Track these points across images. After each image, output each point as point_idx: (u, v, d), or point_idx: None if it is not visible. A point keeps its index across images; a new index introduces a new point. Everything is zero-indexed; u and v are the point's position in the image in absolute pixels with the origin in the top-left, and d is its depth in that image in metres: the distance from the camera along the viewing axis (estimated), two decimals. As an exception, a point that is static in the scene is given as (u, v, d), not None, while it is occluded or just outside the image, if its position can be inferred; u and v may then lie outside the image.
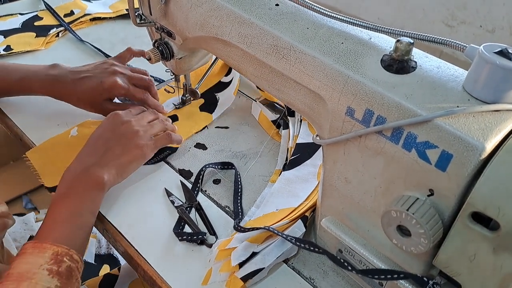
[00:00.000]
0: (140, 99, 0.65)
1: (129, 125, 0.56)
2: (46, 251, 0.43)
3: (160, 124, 0.60)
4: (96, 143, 0.54)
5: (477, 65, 0.32)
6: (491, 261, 0.32)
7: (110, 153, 0.53)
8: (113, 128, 0.56)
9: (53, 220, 0.47)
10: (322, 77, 0.39)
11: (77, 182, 0.50)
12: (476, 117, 0.32)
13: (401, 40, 0.36)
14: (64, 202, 0.49)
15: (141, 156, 0.55)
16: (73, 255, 0.45)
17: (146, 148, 0.56)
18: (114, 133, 0.55)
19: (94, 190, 0.50)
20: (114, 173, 0.52)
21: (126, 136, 0.55)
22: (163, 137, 0.59)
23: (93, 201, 0.50)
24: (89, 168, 0.51)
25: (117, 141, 0.54)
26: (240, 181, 0.59)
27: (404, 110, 0.34)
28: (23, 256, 0.43)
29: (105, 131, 0.56)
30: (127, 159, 0.54)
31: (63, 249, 0.44)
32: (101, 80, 0.63)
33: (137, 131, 0.56)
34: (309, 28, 0.42)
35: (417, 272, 0.39)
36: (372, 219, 0.41)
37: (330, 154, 0.42)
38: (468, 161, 0.31)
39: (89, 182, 0.50)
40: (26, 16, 0.94)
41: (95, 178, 0.50)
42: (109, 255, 0.82)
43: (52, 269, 0.42)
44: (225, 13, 0.47)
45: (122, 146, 0.54)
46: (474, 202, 0.31)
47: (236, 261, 0.46)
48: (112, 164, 0.52)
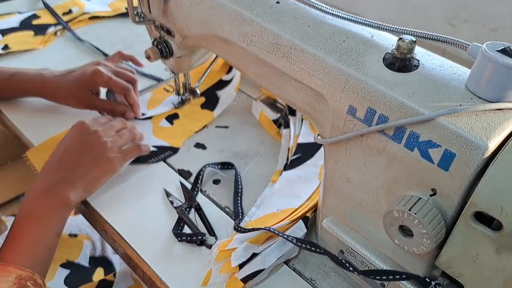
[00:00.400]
0: (121, 89, 0.63)
1: (97, 136, 0.54)
2: (10, 275, 0.42)
3: (128, 134, 0.58)
4: (62, 157, 0.52)
5: (480, 63, 0.32)
6: (494, 261, 0.32)
7: (78, 168, 0.51)
8: (80, 139, 0.53)
9: (17, 242, 0.46)
10: (324, 76, 0.39)
11: (41, 201, 0.48)
12: (479, 116, 0.32)
13: (403, 38, 0.35)
14: (29, 222, 0.47)
15: (110, 170, 0.53)
16: (36, 279, 0.44)
17: (116, 161, 0.54)
18: (81, 144, 0.53)
19: (60, 210, 0.49)
20: (81, 191, 0.51)
21: (94, 148, 0.53)
22: (133, 149, 0.57)
23: (58, 221, 0.49)
24: (54, 186, 0.49)
25: (84, 154, 0.52)
26: (240, 181, 0.59)
27: (407, 109, 0.33)
28: None
29: (71, 142, 0.53)
30: (96, 174, 0.52)
31: (27, 273, 0.43)
32: (84, 70, 0.63)
33: (105, 142, 0.53)
34: (310, 26, 0.41)
35: (419, 272, 0.38)
36: (374, 219, 0.40)
37: (332, 153, 0.41)
38: (471, 161, 0.30)
39: (54, 202, 0.48)
40: (24, 15, 0.93)
41: (60, 198, 0.49)
42: (104, 258, 0.81)
43: None
44: (226, 11, 0.46)
45: (90, 159, 0.52)
46: (477, 202, 0.30)
47: (236, 262, 0.46)
48: (80, 181, 0.50)
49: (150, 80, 0.78)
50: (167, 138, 0.65)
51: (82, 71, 0.63)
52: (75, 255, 0.78)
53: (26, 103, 0.70)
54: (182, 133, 0.67)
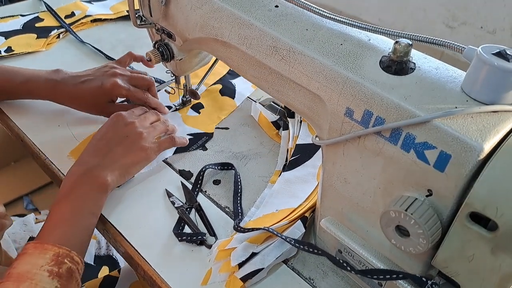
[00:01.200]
0: (141, 99, 0.65)
1: (133, 127, 0.56)
2: (47, 252, 0.43)
3: (162, 126, 0.60)
4: (99, 144, 0.54)
5: (476, 66, 0.32)
6: (490, 261, 0.32)
7: (113, 154, 0.53)
8: (116, 129, 0.55)
9: (55, 221, 0.47)
10: (321, 78, 0.39)
11: (80, 183, 0.50)
12: (475, 118, 0.32)
13: (399, 42, 0.36)
14: (67, 203, 0.48)
15: (144, 158, 0.55)
16: (73, 257, 0.45)
17: (150, 150, 0.56)
18: (118, 134, 0.55)
19: (97, 191, 0.50)
20: (117, 175, 0.52)
21: (130, 137, 0.55)
22: (167, 140, 0.59)
23: (96, 202, 0.50)
24: (92, 169, 0.51)
25: (120, 142, 0.54)
26: (240, 181, 0.59)
27: (403, 111, 0.34)
28: (24, 257, 0.43)
29: (108, 132, 0.55)
30: (130, 161, 0.54)
31: (64, 250, 0.44)
32: (102, 82, 0.63)
33: (140, 132, 0.56)
34: (309, 30, 0.42)
35: (416, 272, 0.39)
36: (371, 219, 0.41)
37: (330, 155, 0.42)
38: (466, 162, 0.31)
39: (92, 184, 0.50)
40: (27, 18, 0.94)
41: (98, 180, 0.50)
42: (109, 256, 0.82)
43: (53, 271, 0.42)
44: (225, 15, 0.47)
45: (125, 147, 0.54)
46: (473, 203, 0.31)
47: (235, 262, 0.46)
48: (116, 165, 0.52)
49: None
50: (198, 126, 0.68)
51: (100, 84, 0.63)
52: None
53: (29, 105, 0.70)
54: (211, 120, 0.70)
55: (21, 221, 0.81)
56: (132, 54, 0.72)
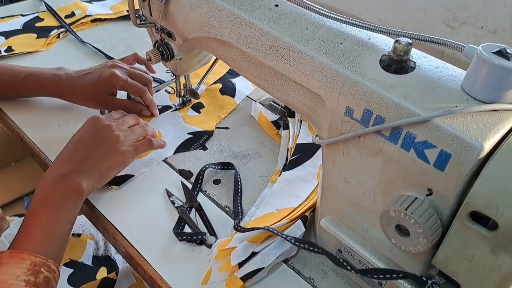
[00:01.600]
0: (138, 91, 0.65)
1: (110, 130, 0.55)
2: (24, 262, 0.43)
3: (141, 130, 0.59)
4: (75, 148, 0.53)
5: (476, 65, 0.32)
6: (490, 260, 0.32)
7: (90, 159, 0.52)
8: (93, 132, 0.54)
9: (31, 229, 0.46)
10: (321, 77, 0.39)
11: (55, 189, 0.49)
12: (475, 117, 0.32)
13: (399, 40, 0.36)
14: (42, 210, 0.48)
15: (121, 162, 0.54)
16: (50, 265, 0.44)
17: (127, 154, 0.55)
18: (94, 137, 0.54)
19: (73, 198, 0.49)
20: (93, 180, 0.52)
21: (107, 141, 0.54)
22: (144, 143, 0.58)
23: (71, 209, 0.49)
24: (67, 174, 0.50)
25: (97, 146, 0.53)
26: (240, 181, 0.59)
27: (403, 110, 0.34)
28: (0, 266, 0.42)
29: (84, 135, 0.54)
30: (107, 165, 0.53)
31: (40, 259, 0.44)
32: (100, 73, 0.64)
33: (117, 136, 0.55)
34: (308, 29, 0.42)
35: (416, 271, 0.39)
36: (371, 219, 0.41)
37: (330, 154, 0.42)
38: (466, 161, 0.31)
39: (67, 190, 0.49)
40: (27, 18, 0.94)
41: (73, 186, 0.49)
42: (107, 257, 0.82)
43: (30, 280, 0.42)
44: (225, 14, 0.47)
45: (102, 151, 0.53)
46: (473, 202, 0.31)
47: (236, 261, 0.46)
48: (92, 171, 0.51)
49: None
50: (198, 124, 0.69)
51: (99, 74, 0.64)
52: (78, 254, 0.78)
53: (29, 105, 0.70)
54: (211, 118, 0.70)
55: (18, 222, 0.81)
56: (137, 55, 0.72)
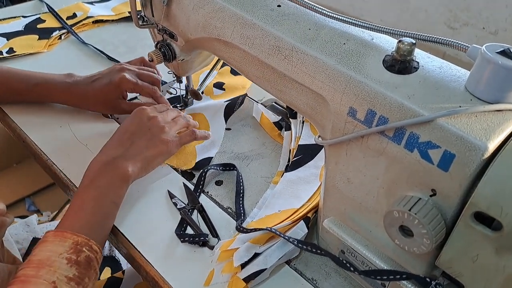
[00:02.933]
0: (149, 92, 0.66)
1: (155, 121, 0.57)
2: (66, 240, 0.44)
3: (183, 121, 0.61)
4: (123, 136, 0.55)
5: (480, 65, 0.32)
6: (494, 261, 0.32)
7: (136, 146, 0.54)
8: (140, 122, 0.56)
9: (76, 210, 0.48)
10: (324, 78, 0.39)
11: (102, 173, 0.51)
12: (479, 117, 0.32)
13: (403, 40, 0.36)
14: (88, 191, 0.49)
15: (166, 151, 0.56)
16: (92, 246, 0.45)
17: (171, 144, 0.56)
18: (140, 127, 0.56)
19: (119, 181, 0.51)
20: (139, 166, 0.53)
21: (152, 131, 0.56)
22: (188, 134, 0.60)
23: (117, 192, 0.51)
24: (115, 160, 0.52)
25: (143, 135, 0.55)
26: (242, 182, 0.59)
27: (407, 110, 0.34)
28: (44, 244, 0.44)
29: (131, 125, 0.56)
30: (152, 153, 0.54)
31: (83, 239, 0.45)
32: (110, 78, 0.64)
33: (163, 126, 0.57)
34: (311, 29, 0.42)
35: (420, 272, 0.38)
36: (374, 219, 0.41)
37: (332, 154, 0.42)
38: (470, 161, 0.31)
39: (114, 174, 0.51)
40: (29, 19, 0.94)
41: (120, 170, 0.51)
42: (111, 257, 0.82)
43: (71, 258, 0.43)
44: (227, 15, 0.47)
45: (148, 140, 0.55)
46: (477, 202, 0.31)
47: (238, 262, 0.46)
48: (138, 157, 0.53)
49: (153, 83, 0.78)
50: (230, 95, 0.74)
51: (109, 80, 0.64)
52: None
53: (31, 105, 0.70)
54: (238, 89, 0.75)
55: (23, 222, 0.81)
56: (143, 59, 0.72)
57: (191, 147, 0.65)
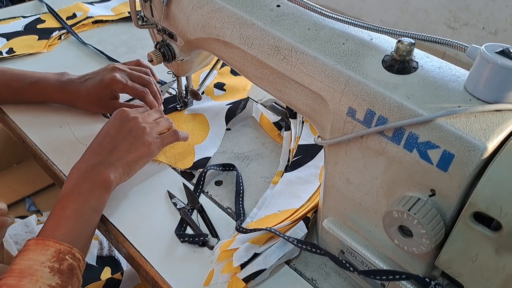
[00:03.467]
0: (137, 95, 0.65)
1: (136, 122, 0.56)
2: (49, 249, 0.44)
3: (165, 122, 0.60)
4: (103, 141, 0.54)
5: (479, 65, 0.32)
6: (494, 261, 0.32)
7: (117, 151, 0.53)
8: (120, 124, 0.56)
9: (58, 217, 0.47)
10: (323, 78, 0.39)
11: (83, 180, 0.50)
12: (478, 117, 0.32)
13: (402, 41, 0.36)
14: (69, 200, 0.49)
15: (148, 153, 0.55)
16: (75, 253, 0.45)
17: (153, 145, 0.56)
18: (121, 129, 0.55)
19: (100, 189, 0.50)
20: (121, 172, 0.52)
21: (133, 133, 0.55)
22: (170, 134, 0.59)
23: (99, 200, 0.50)
24: (95, 166, 0.51)
25: (124, 138, 0.54)
26: (242, 182, 0.59)
27: (406, 110, 0.34)
28: (26, 253, 0.43)
29: (112, 128, 0.56)
30: (134, 157, 0.54)
31: (65, 247, 0.44)
32: (102, 77, 0.64)
33: (144, 127, 0.56)
34: (310, 29, 0.42)
35: (419, 273, 0.38)
36: (373, 219, 0.40)
37: (332, 155, 0.42)
38: (469, 161, 0.31)
39: (95, 181, 0.50)
40: (28, 19, 0.94)
41: (101, 177, 0.50)
42: (111, 257, 0.82)
43: (54, 267, 0.43)
44: (226, 15, 0.47)
45: (129, 143, 0.54)
46: (476, 202, 0.31)
47: (238, 262, 0.46)
48: (119, 163, 0.52)
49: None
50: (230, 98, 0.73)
51: (100, 79, 0.64)
52: None
53: (30, 105, 0.70)
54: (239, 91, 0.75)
55: (22, 223, 0.81)
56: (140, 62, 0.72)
57: (189, 147, 0.65)
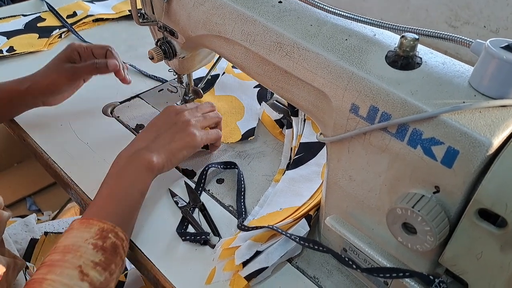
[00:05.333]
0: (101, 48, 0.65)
1: (182, 115, 0.58)
2: (92, 227, 0.44)
3: (213, 116, 0.61)
4: (149, 131, 0.57)
5: (484, 60, 0.32)
6: (499, 259, 0.32)
7: (161, 139, 0.55)
8: (166, 117, 0.58)
9: (102, 198, 0.49)
10: (326, 74, 0.39)
11: (127, 164, 0.52)
12: (483, 113, 0.32)
13: (405, 36, 0.35)
14: (114, 181, 0.50)
15: (192, 144, 0.56)
16: (118, 233, 0.45)
17: (198, 138, 0.57)
18: (166, 121, 0.57)
19: (144, 171, 0.51)
20: (164, 158, 0.53)
21: (178, 124, 0.57)
22: (215, 132, 0.60)
23: (142, 181, 0.51)
24: (139, 151, 0.53)
25: (168, 128, 0.56)
26: (243, 180, 0.59)
27: (410, 107, 0.33)
28: (70, 231, 0.45)
29: (158, 120, 0.58)
30: (177, 146, 0.55)
31: (108, 225, 0.45)
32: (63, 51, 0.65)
33: (188, 120, 0.57)
34: (313, 25, 0.42)
35: (423, 270, 0.38)
36: (376, 217, 0.40)
37: (334, 152, 0.41)
38: (474, 157, 0.30)
39: (138, 164, 0.51)
40: (29, 18, 0.94)
41: (145, 160, 0.52)
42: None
43: (97, 244, 0.43)
44: (228, 11, 0.47)
45: (172, 133, 0.56)
46: (481, 199, 0.30)
47: (239, 260, 0.46)
48: (162, 149, 0.54)
49: (153, 81, 0.78)
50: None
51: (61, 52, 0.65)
52: None
53: (30, 104, 0.70)
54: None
55: (22, 222, 0.81)
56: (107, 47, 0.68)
57: (232, 124, 0.68)
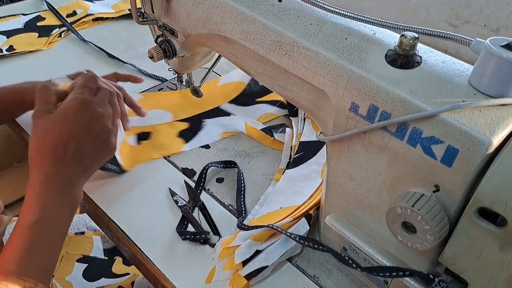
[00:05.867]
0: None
1: (103, 121, 0.49)
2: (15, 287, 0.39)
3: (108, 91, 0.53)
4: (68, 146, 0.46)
5: (483, 58, 0.32)
6: (498, 257, 0.32)
7: (86, 161, 0.48)
8: (88, 125, 0.48)
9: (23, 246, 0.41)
10: (326, 73, 0.39)
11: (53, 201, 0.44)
12: (483, 112, 0.31)
13: (405, 35, 0.35)
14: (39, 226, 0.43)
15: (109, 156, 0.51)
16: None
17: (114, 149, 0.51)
18: (88, 131, 0.48)
19: (72, 210, 0.46)
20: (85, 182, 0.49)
21: (101, 136, 0.49)
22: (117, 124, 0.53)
23: (69, 223, 0.46)
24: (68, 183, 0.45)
25: (92, 144, 0.48)
26: (243, 179, 0.59)
27: (409, 105, 0.33)
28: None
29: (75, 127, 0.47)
30: (99, 163, 0.50)
31: (30, 283, 0.40)
32: None
33: (111, 129, 0.50)
34: (313, 24, 0.41)
35: (423, 269, 0.38)
36: (376, 216, 0.40)
37: (334, 151, 0.41)
38: (474, 156, 0.30)
39: (68, 203, 0.45)
40: (28, 17, 0.94)
41: (75, 197, 0.46)
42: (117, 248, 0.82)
43: None
44: (228, 10, 0.46)
45: (96, 150, 0.49)
46: (481, 198, 0.30)
47: (239, 259, 0.46)
48: (88, 173, 0.49)
49: (153, 80, 0.78)
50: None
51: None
52: (88, 249, 0.79)
53: (30, 104, 0.70)
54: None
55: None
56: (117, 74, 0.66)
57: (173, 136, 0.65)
